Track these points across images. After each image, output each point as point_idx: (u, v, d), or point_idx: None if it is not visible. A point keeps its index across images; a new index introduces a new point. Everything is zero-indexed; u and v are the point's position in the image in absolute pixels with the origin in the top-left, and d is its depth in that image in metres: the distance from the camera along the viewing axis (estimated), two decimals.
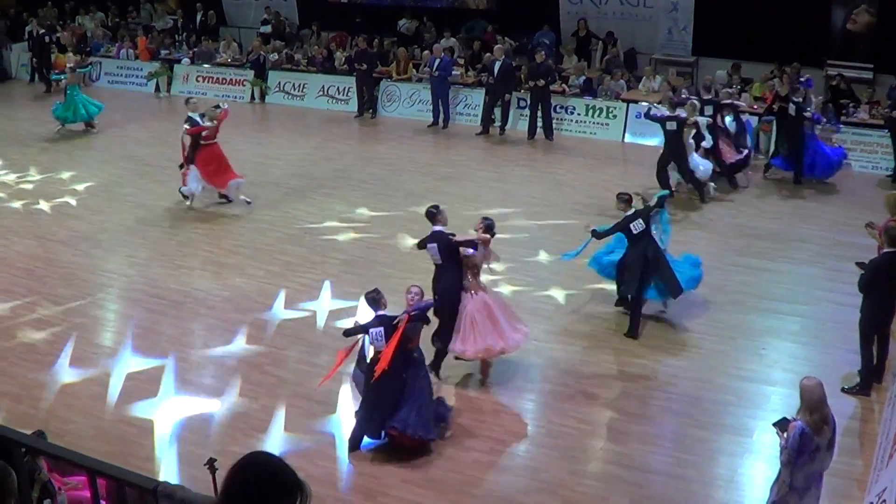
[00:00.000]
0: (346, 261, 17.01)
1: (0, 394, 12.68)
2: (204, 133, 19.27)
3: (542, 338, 14.06)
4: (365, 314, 13.20)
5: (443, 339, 12.76)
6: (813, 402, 8.88)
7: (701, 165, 19.50)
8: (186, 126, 19.42)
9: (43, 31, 31.32)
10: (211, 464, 8.16)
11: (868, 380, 12.60)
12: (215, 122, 19.36)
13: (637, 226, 14.09)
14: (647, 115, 20.43)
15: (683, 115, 19.58)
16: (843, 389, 12.49)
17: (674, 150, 19.62)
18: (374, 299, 11.45)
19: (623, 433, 11.87)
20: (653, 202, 14.69)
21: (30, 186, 21.15)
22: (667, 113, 20.00)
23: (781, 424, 9.08)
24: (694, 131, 19.72)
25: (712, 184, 19.76)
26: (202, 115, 19.49)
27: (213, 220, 18.96)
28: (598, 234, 14.43)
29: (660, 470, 11.28)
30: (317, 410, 12.33)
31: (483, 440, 11.74)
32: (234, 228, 18.52)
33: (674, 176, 19.69)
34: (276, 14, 32.25)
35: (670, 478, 11.09)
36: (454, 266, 12.91)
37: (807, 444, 8.82)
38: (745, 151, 20.91)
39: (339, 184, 21.07)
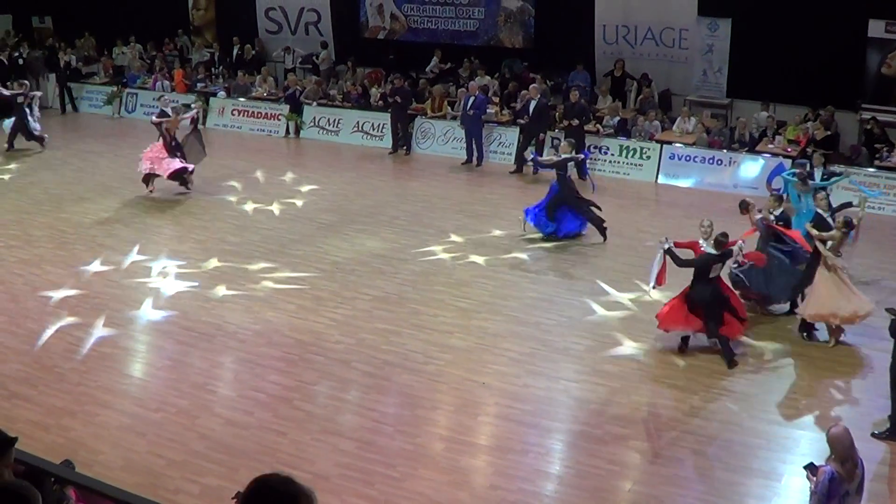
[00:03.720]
0: (378, 297, 17.03)
1: (29, 423, 12.69)
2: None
3: (571, 377, 14.06)
4: None
5: None
6: (843, 451, 8.85)
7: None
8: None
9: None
10: (238, 498, 8.16)
11: None
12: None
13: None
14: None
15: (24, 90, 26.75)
16: (872, 434, 12.40)
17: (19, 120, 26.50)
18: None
19: (652, 475, 11.82)
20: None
21: (66, 215, 21.28)
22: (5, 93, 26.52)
23: (812, 468, 9.04)
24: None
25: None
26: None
27: (245, 253, 19.03)
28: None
29: None
30: (345, 446, 12.32)
31: (510, 479, 11.70)
32: (266, 262, 18.57)
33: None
34: (259, 41, 33.19)
35: None
36: None
37: (836, 489, 8.78)
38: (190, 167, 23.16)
39: (372, 220, 21.13)
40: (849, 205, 17.29)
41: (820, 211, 16.13)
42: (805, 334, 15.38)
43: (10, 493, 5.37)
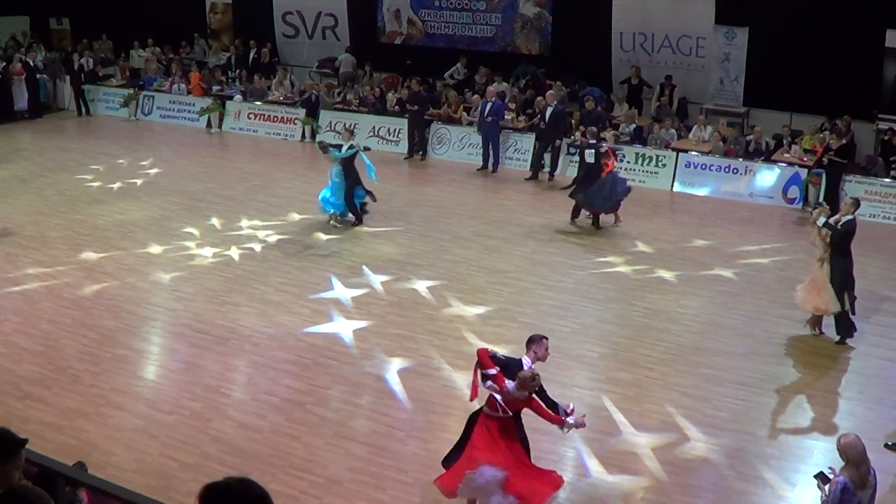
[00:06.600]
0: (392, 303, 17.04)
1: (42, 424, 12.72)
2: None
3: (585, 385, 14.03)
4: None
5: None
6: (857, 455, 8.79)
7: None
8: None
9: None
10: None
11: None
12: None
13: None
14: None
15: None
16: (886, 445, 12.35)
17: None
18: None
19: (664, 483, 11.77)
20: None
21: (81, 217, 21.32)
22: None
23: (822, 477, 8.99)
24: None
25: None
26: None
27: (260, 257, 19.06)
28: None
29: None
30: (358, 451, 12.32)
31: None
32: (281, 266, 18.59)
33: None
34: (244, 41, 33.51)
35: None
36: None
37: (848, 500, 8.73)
38: None
39: (388, 225, 21.13)
40: None
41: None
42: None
43: (20, 500, 5.36)
